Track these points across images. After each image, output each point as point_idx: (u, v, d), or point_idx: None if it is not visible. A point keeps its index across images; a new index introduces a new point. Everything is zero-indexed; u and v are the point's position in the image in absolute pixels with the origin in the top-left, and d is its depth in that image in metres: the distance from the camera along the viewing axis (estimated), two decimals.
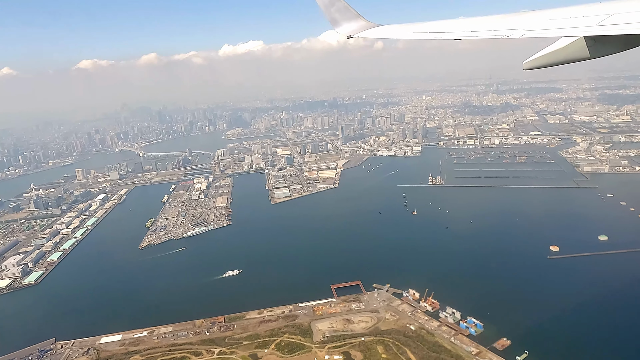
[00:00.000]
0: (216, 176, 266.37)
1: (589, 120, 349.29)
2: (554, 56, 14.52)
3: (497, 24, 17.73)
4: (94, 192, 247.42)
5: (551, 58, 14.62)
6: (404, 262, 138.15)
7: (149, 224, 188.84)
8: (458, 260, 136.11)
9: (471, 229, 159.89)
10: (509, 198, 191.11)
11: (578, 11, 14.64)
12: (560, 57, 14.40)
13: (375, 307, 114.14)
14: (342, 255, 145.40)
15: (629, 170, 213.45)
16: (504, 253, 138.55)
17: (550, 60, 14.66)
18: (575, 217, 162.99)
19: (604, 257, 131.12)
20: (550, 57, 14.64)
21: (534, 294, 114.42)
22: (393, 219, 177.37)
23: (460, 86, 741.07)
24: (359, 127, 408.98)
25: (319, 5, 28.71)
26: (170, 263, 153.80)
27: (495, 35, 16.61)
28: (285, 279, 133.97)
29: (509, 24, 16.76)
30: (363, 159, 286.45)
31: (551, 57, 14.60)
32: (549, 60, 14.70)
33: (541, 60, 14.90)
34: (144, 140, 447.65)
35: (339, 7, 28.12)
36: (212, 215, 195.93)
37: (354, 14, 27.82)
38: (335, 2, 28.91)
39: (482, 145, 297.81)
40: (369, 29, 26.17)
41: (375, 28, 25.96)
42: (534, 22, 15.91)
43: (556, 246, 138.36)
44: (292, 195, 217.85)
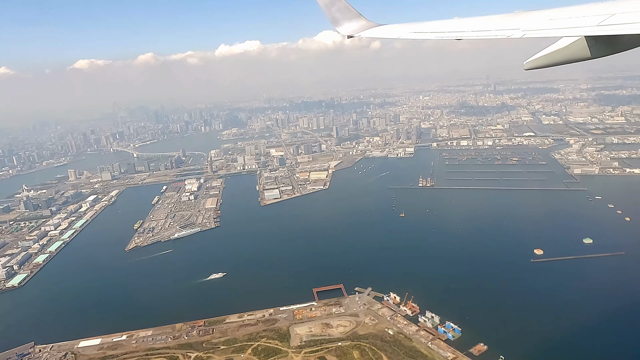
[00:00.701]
0: (208, 177, 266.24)
1: (583, 121, 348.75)
2: (554, 56, 14.63)
3: (497, 24, 17.75)
4: (85, 193, 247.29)
5: (552, 58, 14.71)
6: (388, 265, 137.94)
7: (137, 225, 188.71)
8: (441, 263, 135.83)
9: (457, 231, 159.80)
10: (497, 200, 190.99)
11: (579, 11, 14.65)
12: (561, 57, 14.50)
13: (356, 311, 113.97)
14: (327, 258, 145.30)
15: (619, 173, 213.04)
16: (488, 256, 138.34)
17: (551, 60, 14.76)
18: (562, 220, 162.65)
19: (587, 261, 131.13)
20: (551, 57, 14.74)
21: (515, 298, 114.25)
22: (380, 221, 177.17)
23: (459, 86, 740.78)
24: (354, 127, 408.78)
25: (320, 5, 28.67)
26: (155, 265, 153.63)
27: (496, 35, 16.61)
28: (268, 282, 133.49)
29: (509, 24, 16.79)
30: (355, 160, 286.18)
31: (552, 57, 14.70)
32: (550, 60, 14.80)
33: (542, 61, 15.01)
34: (139, 140, 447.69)
35: (340, 6, 28.18)
36: (201, 217, 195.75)
37: (355, 13, 27.87)
38: (336, 1, 28.93)
39: (475, 147, 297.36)
40: (370, 28, 26.24)
41: (376, 28, 26.02)
42: (535, 22, 15.88)
43: (540, 249, 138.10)
44: (281, 197, 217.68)
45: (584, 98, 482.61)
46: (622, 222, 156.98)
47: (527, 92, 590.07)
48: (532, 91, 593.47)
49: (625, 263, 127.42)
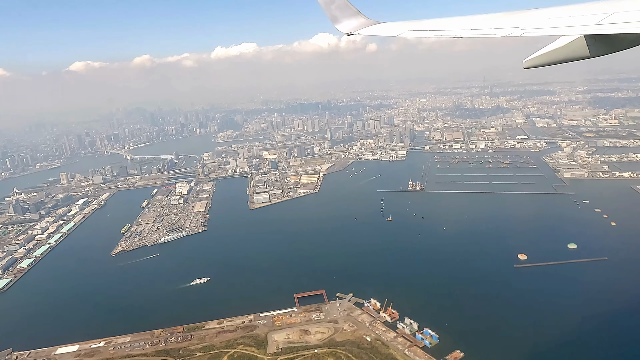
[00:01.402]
0: (199, 180, 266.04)
1: (576, 124, 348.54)
2: (554, 55, 14.71)
3: (497, 22, 17.71)
4: (76, 197, 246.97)
5: (551, 57, 14.80)
6: (371, 270, 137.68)
7: (124, 229, 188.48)
8: (424, 268, 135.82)
9: (443, 236, 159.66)
10: (485, 204, 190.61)
11: (578, 10, 14.68)
12: (560, 56, 14.57)
13: (335, 317, 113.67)
14: (311, 263, 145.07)
15: (608, 177, 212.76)
16: (472, 261, 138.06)
17: (551, 58, 14.86)
18: (548, 225, 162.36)
19: (570, 266, 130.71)
20: (550, 55, 14.82)
21: (495, 304, 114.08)
22: (367, 225, 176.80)
23: (456, 88, 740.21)
24: (348, 130, 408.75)
25: (320, 2, 28.60)
26: (140, 270, 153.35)
27: (495, 33, 16.60)
28: (251, 288, 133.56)
29: (509, 23, 16.79)
30: (347, 163, 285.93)
31: (551, 55, 14.79)
32: (549, 59, 14.89)
33: (541, 59, 15.10)
34: (134, 142, 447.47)
35: (339, 4, 28.18)
36: (189, 221, 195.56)
37: (354, 11, 27.88)
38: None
39: (468, 150, 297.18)
40: (369, 26, 26.24)
41: (375, 25, 26.01)
42: (535, 20, 15.86)
43: (524, 254, 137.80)
44: (271, 201, 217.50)
45: (580, 100, 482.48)
46: (608, 226, 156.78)
47: (523, 94, 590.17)
48: (528, 93, 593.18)
49: (606, 268, 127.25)
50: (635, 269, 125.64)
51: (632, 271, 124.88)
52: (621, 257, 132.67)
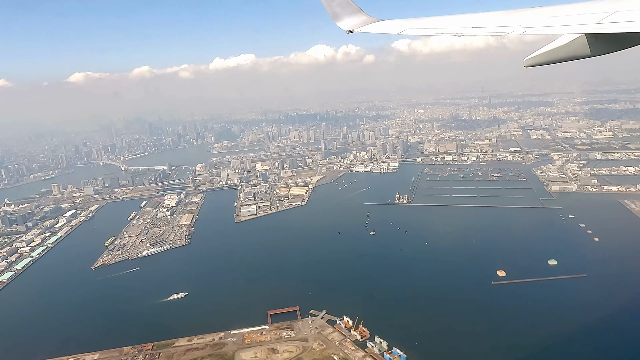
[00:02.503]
0: (189, 192, 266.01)
1: (571, 136, 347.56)
2: (555, 53, 14.73)
3: (498, 21, 17.68)
4: (65, 208, 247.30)
5: (552, 55, 14.82)
6: (348, 286, 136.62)
7: (108, 242, 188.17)
8: (401, 284, 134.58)
9: (424, 251, 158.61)
10: (471, 218, 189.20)
11: (580, 8, 14.62)
12: (561, 55, 14.59)
13: (306, 335, 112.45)
14: (288, 279, 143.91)
15: (596, 190, 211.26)
16: (450, 277, 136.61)
17: (551, 57, 14.87)
18: (530, 240, 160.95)
19: (548, 283, 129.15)
20: (551, 54, 14.85)
21: (467, 322, 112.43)
22: (350, 239, 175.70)
23: (455, 99, 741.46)
24: (343, 141, 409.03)
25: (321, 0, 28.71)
26: (119, 285, 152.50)
27: (496, 32, 16.54)
28: (226, 303, 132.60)
29: (510, 21, 16.74)
30: (338, 175, 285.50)
31: (552, 54, 14.82)
32: (550, 58, 14.91)
33: (542, 58, 15.13)
34: (130, 153, 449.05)
35: (340, 1, 28.26)
36: (173, 234, 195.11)
37: (355, 8, 27.89)
38: None
39: (460, 162, 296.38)
40: (370, 23, 26.20)
41: (376, 23, 26.01)
42: (536, 19, 15.82)
43: (503, 271, 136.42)
44: (257, 213, 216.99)
45: (577, 112, 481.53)
46: (591, 242, 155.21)
47: (521, 105, 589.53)
48: (526, 104, 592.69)
49: (584, 286, 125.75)
50: (613, 286, 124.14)
51: (609, 288, 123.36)
52: (600, 274, 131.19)
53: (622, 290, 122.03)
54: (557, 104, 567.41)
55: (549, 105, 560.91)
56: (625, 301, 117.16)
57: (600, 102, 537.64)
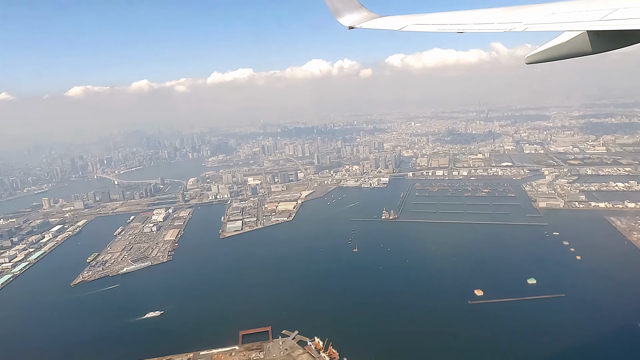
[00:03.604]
0: (178, 207, 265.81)
1: (564, 151, 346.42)
2: (555, 51, 14.81)
3: (500, 17, 17.61)
4: (53, 223, 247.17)
5: (553, 52, 14.90)
6: (322, 305, 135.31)
7: (90, 258, 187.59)
8: (376, 304, 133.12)
9: (404, 268, 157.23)
10: (455, 235, 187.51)
11: (581, 5, 14.57)
12: (562, 52, 14.65)
13: (275, 356, 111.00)
14: (264, 297, 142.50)
15: (584, 207, 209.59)
16: (426, 297, 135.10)
17: (552, 54, 14.95)
18: (512, 258, 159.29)
19: (525, 303, 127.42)
20: (552, 51, 14.93)
21: (436, 344, 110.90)
22: (332, 257, 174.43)
23: (453, 112, 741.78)
24: (337, 155, 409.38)
25: None
26: (96, 302, 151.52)
27: (498, 28, 16.48)
28: (201, 322, 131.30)
29: (512, 17, 16.68)
30: (329, 190, 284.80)
31: (553, 51, 14.89)
32: (551, 55, 14.99)
33: (543, 55, 15.22)
34: (126, 166, 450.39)
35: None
36: (157, 250, 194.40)
37: (356, 4, 27.96)
38: None
39: (450, 177, 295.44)
40: (371, 19, 26.24)
41: (377, 19, 26.03)
42: (537, 15, 15.77)
43: (481, 290, 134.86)
44: (243, 229, 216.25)
45: (573, 126, 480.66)
46: (572, 260, 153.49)
47: (518, 119, 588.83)
48: (523, 118, 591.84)
49: (562, 306, 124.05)
50: (590, 307, 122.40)
51: (586, 309, 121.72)
52: (578, 294, 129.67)
53: (599, 311, 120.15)
54: (554, 117, 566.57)
55: (546, 119, 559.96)
56: (601, 323, 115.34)
57: (597, 116, 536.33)
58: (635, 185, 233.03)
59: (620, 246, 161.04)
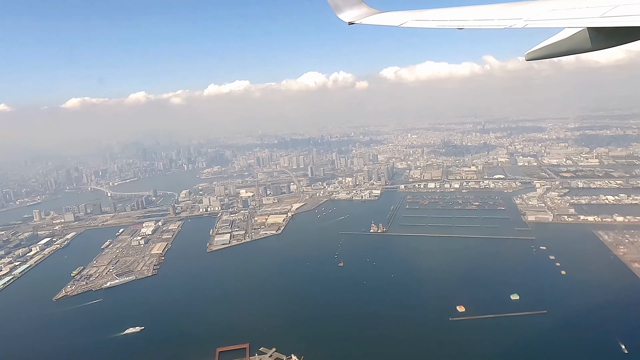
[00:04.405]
0: (168, 219, 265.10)
1: (557, 163, 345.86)
2: (555, 47, 14.87)
3: (500, 13, 17.62)
4: (42, 236, 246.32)
5: (553, 49, 14.98)
6: (303, 321, 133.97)
7: (75, 272, 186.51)
8: (356, 320, 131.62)
9: (388, 283, 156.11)
10: (442, 249, 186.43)
11: (582, 2, 14.51)
12: (562, 48, 14.71)
13: None
14: (244, 313, 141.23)
15: (572, 220, 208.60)
16: (408, 313, 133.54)
17: (552, 51, 15.03)
18: (497, 273, 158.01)
19: (506, 320, 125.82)
20: (552, 48, 15.00)
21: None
22: (317, 271, 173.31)
23: (451, 124, 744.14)
24: (331, 167, 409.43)
25: None
26: (76, 318, 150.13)
27: (498, 25, 16.47)
28: (179, 339, 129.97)
29: (512, 14, 16.69)
30: (320, 203, 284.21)
31: (553, 48, 14.97)
32: (551, 51, 15.07)
33: (543, 51, 15.28)
34: (120, 178, 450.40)
35: None
36: (142, 264, 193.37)
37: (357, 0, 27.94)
38: None
39: (442, 189, 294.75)
40: (371, 15, 26.20)
41: (377, 15, 26.02)
42: (537, 12, 15.73)
43: (463, 306, 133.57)
44: (230, 242, 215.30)
45: (568, 138, 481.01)
46: (557, 276, 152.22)
47: (514, 130, 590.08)
48: (520, 130, 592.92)
49: (542, 323, 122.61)
50: (571, 324, 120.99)
51: (566, 326, 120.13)
52: (560, 311, 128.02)
53: (579, 328, 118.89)
54: (549, 129, 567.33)
55: (542, 131, 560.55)
56: (581, 340, 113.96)
57: (592, 128, 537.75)
58: (625, 198, 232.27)
59: (605, 261, 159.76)
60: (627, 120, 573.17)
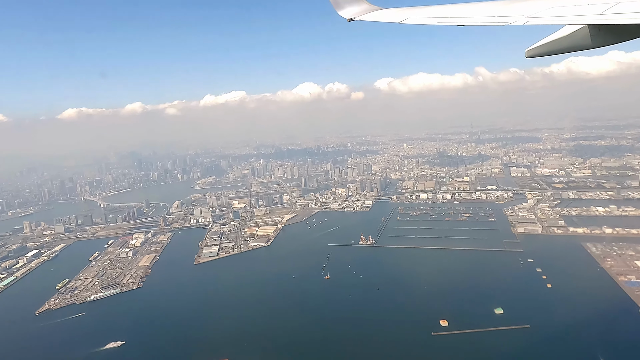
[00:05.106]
0: (158, 231, 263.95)
1: (550, 174, 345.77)
2: (556, 44, 14.88)
3: (501, 10, 17.50)
4: (30, 247, 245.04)
5: (553, 46, 14.98)
6: (284, 336, 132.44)
7: (60, 285, 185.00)
8: (337, 335, 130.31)
9: (372, 297, 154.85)
10: (429, 261, 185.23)
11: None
12: (562, 46, 14.71)
13: None
14: (228, 327, 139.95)
15: (562, 232, 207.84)
16: (390, 328, 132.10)
17: (552, 48, 15.03)
18: (482, 286, 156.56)
19: (489, 335, 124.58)
20: (552, 45, 15.01)
21: None
22: (303, 284, 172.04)
23: (447, 134, 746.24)
24: (325, 177, 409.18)
25: None
26: (58, 331, 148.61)
27: (499, 22, 16.29)
28: (160, 353, 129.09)
29: (513, 11, 16.59)
30: (311, 214, 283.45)
31: (553, 45, 14.97)
32: (551, 48, 15.07)
33: (543, 48, 15.30)
34: (114, 188, 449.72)
35: None
36: (129, 276, 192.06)
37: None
38: None
39: (434, 200, 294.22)
40: (371, 12, 26.09)
41: (377, 11, 25.85)
42: (538, 9, 15.64)
43: (446, 320, 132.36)
44: (219, 255, 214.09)
45: (562, 148, 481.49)
46: (543, 289, 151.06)
47: (510, 140, 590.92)
48: (515, 140, 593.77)
49: (524, 338, 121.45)
50: (553, 338, 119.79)
51: (548, 340, 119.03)
52: (543, 325, 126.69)
53: (561, 342, 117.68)
54: (545, 139, 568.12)
55: (538, 141, 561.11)
56: (563, 355, 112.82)
57: (587, 138, 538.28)
58: (616, 209, 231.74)
59: (592, 273, 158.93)
60: (622, 130, 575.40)
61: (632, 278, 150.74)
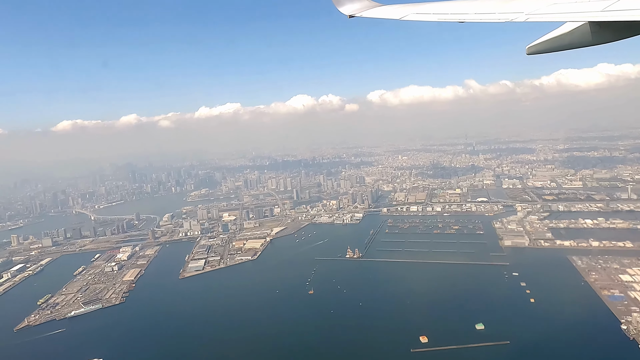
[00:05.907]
0: (146, 244, 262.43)
1: (541, 186, 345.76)
2: (556, 41, 15.01)
3: (501, 7, 17.45)
4: (16, 262, 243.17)
5: (554, 43, 15.11)
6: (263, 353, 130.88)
7: (42, 301, 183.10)
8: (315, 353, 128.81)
9: (355, 312, 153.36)
10: (414, 275, 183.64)
11: None
12: (562, 42, 14.84)
13: None
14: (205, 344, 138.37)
15: (549, 245, 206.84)
16: (368, 345, 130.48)
17: (553, 45, 15.15)
18: (464, 300, 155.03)
19: (468, 351, 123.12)
20: (553, 42, 15.15)
21: None
22: (285, 300, 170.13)
23: (442, 145, 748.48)
24: (317, 189, 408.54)
25: None
26: (35, 349, 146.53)
27: (499, 18, 16.31)
28: None
29: (513, 7, 16.61)
30: (301, 226, 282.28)
31: (554, 42, 15.10)
32: (552, 45, 15.20)
33: (544, 45, 15.43)
34: (107, 201, 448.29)
35: None
36: (112, 291, 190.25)
37: None
38: None
39: (424, 212, 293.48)
40: (372, 8, 26.25)
41: (378, 8, 26.03)
42: (539, 5, 15.60)
43: (426, 337, 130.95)
44: (204, 269, 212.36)
45: (555, 159, 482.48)
46: (526, 303, 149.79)
47: (504, 152, 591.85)
48: (509, 151, 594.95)
49: (504, 354, 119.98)
50: (532, 355, 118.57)
51: (526, 357, 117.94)
52: (523, 341, 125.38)
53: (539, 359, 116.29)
54: (538, 151, 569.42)
55: (531, 152, 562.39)
56: None
57: (581, 150, 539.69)
58: (604, 222, 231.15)
59: (576, 288, 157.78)
60: (615, 141, 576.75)
61: (615, 292, 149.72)
